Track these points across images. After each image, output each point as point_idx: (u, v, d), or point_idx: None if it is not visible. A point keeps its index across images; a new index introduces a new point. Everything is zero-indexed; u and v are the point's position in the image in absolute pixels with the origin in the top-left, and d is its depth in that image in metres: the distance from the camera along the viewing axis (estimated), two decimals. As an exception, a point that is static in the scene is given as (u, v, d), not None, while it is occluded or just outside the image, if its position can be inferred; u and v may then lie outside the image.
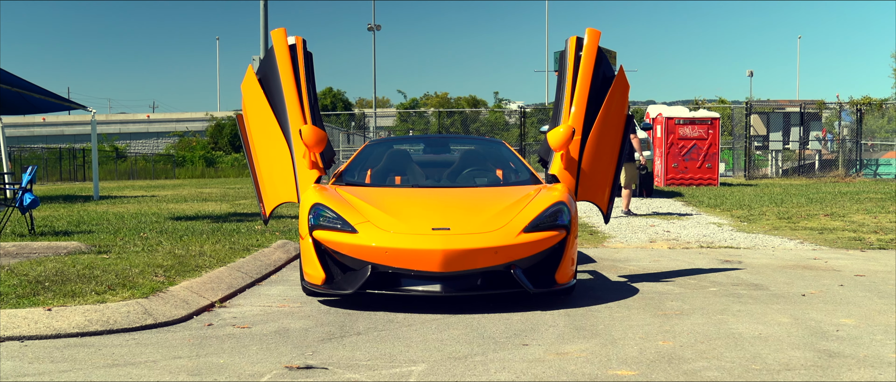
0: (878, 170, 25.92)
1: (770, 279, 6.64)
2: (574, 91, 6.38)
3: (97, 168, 19.52)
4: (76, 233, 9.78)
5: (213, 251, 7.20)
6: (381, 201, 5.69)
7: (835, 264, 7.58)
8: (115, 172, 47.82)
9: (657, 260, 7.88)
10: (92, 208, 15.31)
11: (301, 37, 6.49)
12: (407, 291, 5.10)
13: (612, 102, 6.43)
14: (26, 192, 9.96)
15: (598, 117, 6.35)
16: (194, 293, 5.36)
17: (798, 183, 23.47)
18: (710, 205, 14.86)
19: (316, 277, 5.35)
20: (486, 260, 5.09)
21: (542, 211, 5.42)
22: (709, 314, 5.14)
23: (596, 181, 6.42)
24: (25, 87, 17.97)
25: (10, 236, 9.51)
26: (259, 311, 5.19)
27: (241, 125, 6.51)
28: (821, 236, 9.93)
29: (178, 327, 4.67)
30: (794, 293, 5.93)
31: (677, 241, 9.56)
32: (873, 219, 11.89)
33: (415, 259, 5.03)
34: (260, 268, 6.75)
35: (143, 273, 5.74)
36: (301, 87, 6.33)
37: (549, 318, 4.96)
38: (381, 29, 50.51)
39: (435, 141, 7.21)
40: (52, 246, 8.50)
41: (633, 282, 6.46)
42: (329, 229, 5.34)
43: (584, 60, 6.39)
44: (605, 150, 6.44)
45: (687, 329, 4.67)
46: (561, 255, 5.41)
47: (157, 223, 11.03)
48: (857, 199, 15.85)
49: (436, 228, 5.18)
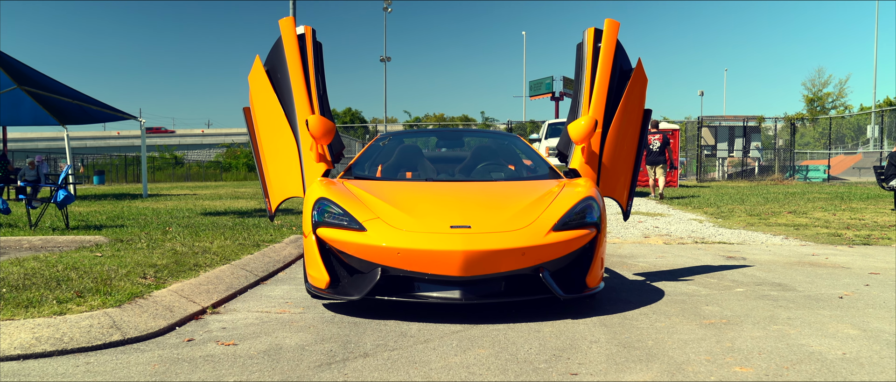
0: (807, 174, 24.46)
1: (788, 277, 5.09)
2: (593, 83, 4.83)
3: (146, 169, 17.89)
4: (109, 227, 8.17)
5: (221, 248, 5.58)
6: (393, 196, 4.09)
7: (836, 260, 6.03)
8: (173, 175, 46.39)
9: (662, 256, 6.32)
10: (137, 204, 13.67)
11: (310, 26, 4.93)
12: (422, 298, 3.53)
13: (632, 95, 4.88)
14: (60, 189, 8.44)
15: (617, 111, 4.80)
16: (184, 297, 3.78)
17: (743, 185, 21.91)
18: (681, 204, 13.29)
19: (320, 280, 3.78)
20: (512, 263, 3.53)
21: (570, 207, 3.85)
22: (760, 323, 3.59)
23: (616, 177, 4.86)
24: (85, 99, 16.47)
25: (46, 230, 7.95)
26: (254, 319, 3.61)
27: (248, 119, 4.93)
28: (798, 232, 8.38)
29: (150, 344, 3.08)
30: (830, 296, 4.38)
31: (670, 236, 8.00)
32: (833, 216, 10.36)
33: (431, 261, 3.47)
34: (267, 265, 5.17)
35: (130, 275, 4.10)
36: (309, 77, 4.76)
37: (584, 330, 3.40)
38: (391, 60, 49.06)
39: (448, 134, 5.59)
40: (76, 240, 6.93)
41: (651, 281, 4.90)
42: (334, 226, 3.77)
43: (603, 51, 4.84)
44: (624, 144, 4.88)
45: (751, 346, 3.11)
46: (592, 256, 3.84)
47: (186, 218, 9.43)
48: (807, 198, 14.31)
49: (454, 226, 3.60)
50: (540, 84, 47.18)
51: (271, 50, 4.94)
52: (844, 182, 23.43)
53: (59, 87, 15.73)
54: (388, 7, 43.83)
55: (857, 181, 23.42)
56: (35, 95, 16.42)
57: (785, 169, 25.53)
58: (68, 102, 16.51)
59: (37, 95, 16.39)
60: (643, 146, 5.03)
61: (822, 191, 17.34)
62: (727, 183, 24.07)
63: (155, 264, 4.45)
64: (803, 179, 24.22)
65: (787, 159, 25.72)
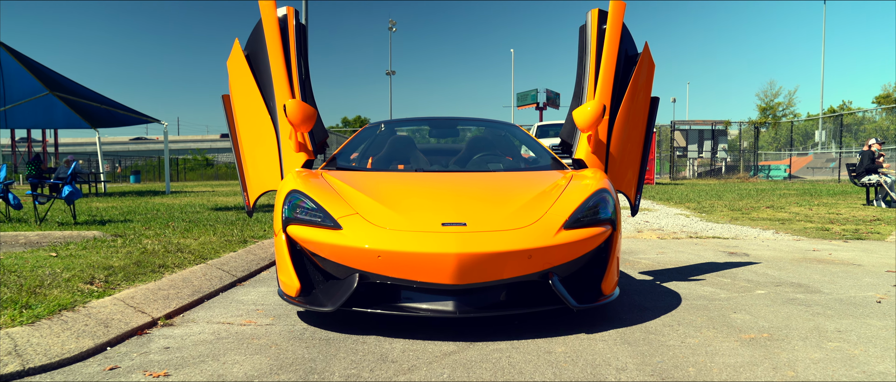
0: (769, 173, 23.45)
1: (804, 276, 4.11)
2: (599, 67, 3.83)
3: (168, 168, 16.90)
4: (116, 222, 7.17)
5: (203, 244, 4.55)
6: (376, 188, 3.07)
7: (841, 256, 5.05)
8: (203, 175, 45.40)
9: (662, 252, 5.33)
10: (156, 200, 12.64)
11: (293, 7, 3.93)
12: (407, 310, 2.53)
13: (639, 81, 3.87)
14: (66, 185, 7.44)
15: (625, 97, 3.80)
16: (132, 306, 2.79)
17: (713, 183, 20.91)
18: (662, 199, 12.30)
19: (290, 286, 2.77)
20: (517, 267, 2.52)
21: (582, 201, 2.85)
22: (809, 338, 2.60)
23: (625, 168, 3.85)
24: (112, 104, 15.49)
25: (53, 225, 6.96)
26: (209, 335, 2.62)
27: (227, 107, 3.91)
28: (784, 226, 7.40)
29: (57, 375, 2.09)
30: (863, 299, 3.40)
31: (662, 231, 7.00)
32: (810, 210, 9.38)
33: (418, 266, 2.47)
34: (249, 264, 4.17)
35: (74, 279, 3.06)
36: (291, 61, 3.76)
37: (605, 350, 2.41)
38: (396, 74, 48.04)
39: (441, 122, 4.56)
40: (72, 235, 5.94)
41: (661, 281, 3.92)
42: (306, 223, 2.76)
43: (608, 33, 3.83)
44: (632, 133, 3.88)
45: (820, 375, 2.14)
46: (607, 258, 2.85)
47: (194, 213, 8.41)
48: (778, 194, 13.34)
49: (447, 223, 2.60)
50: (526, 96, 46.17)
51: (251, 34, 3.94)
52: (803, 180, 22.46)
53: (88, 92, 14.83)
54: (393, 27, 43.21)
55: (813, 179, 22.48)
56: (66, 100, 15.49)
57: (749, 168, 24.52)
58: (97, 107, 15.56)
59: (68, 100, 15.45)
60: (651, 136, 4.04)
61: (789, 188, 16.38)
62: (698, 181, 23.06)
63: (112, 265, 3.42)
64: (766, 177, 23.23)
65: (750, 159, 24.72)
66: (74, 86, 14.55)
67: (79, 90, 14.65)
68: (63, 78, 14.26)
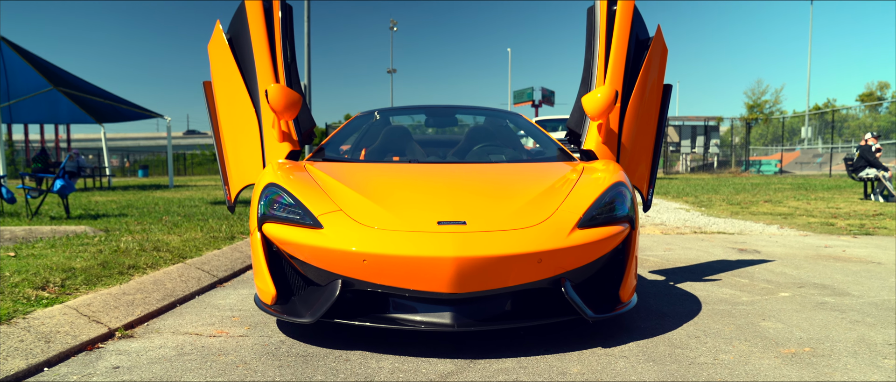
0: (760, 168, 23.01)
1: (825, 275, 3.67)
2: (609, 51, 3.37)
3: (171, 162, 16.49)
4: (112, 216, 6.73)
5: (184, 242, 4.08)
6: (364, 182, 2.60)
7: (855, 253, 4.62)
8: (210, 169, 44.95)
9: (669, 249, 4.89)
10: (157, 194, 12.17)
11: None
12: (398, 322, 2.08)
13: (651, 66, 3.41)
14: (58, 178, 7.00)
15: (636, 84, 3.33)
16: (86, 315, 2.34)
17: (706, 177, 20.45)
18: (660, 193, 11.85)
19: (266, 292, 2.32)
20: (524, 273, 2.07)
21: (597, 198, 2.39)
22: (860, 354, 2.17)
23: (637, 160, 3.39)
24: (116, 99, 15.04)
25: (45, 219, 6.53)
26: (171, 349, 2.17)
27: (208, 94, 3.45)
28: (787, 220, 6.97)
29: (-35, 410, 1.66)
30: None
31: (665, 225, 6.57)
32: (809, 205, 8.96)
33: (410, 272, 2.02)
34: (233, 262, 3.73)
35: (22, 284, 2.59)
36: (275, 43, 3.30)
37: (626, 368, 1.97)
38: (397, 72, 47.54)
39: (439, 110, 4.07)
40: (58, 230, 5.50)
41: (675, 282, 3.48)
42: (284, 221, 2.31)
43: (619, 14, 3.37)
44: (645, 123, 3.42)
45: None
46: (625, 260, 2.39)
47: (191, 207, 7.96)
48: (774, 189, 12.90)
49: (443, 222, 2.15)
50: (522, 93, 45.66)
51: (234, 16, 3.47)
52: (793, 175, 22.03)
53: (92, 88, 14.39)
54: (394, 27, 42.80)
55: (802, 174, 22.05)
56: (71, 96, 15.02)
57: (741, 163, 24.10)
58: (101, 102, 15.10)
59: (72, 96, 14.99)
60: (664, 126, 3.58)
61: (782, 182, 15.94)
62: (691, 175, 22.60)
63: (73, 267, 2.95)
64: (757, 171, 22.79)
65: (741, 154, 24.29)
66: (78, 81, 14.11)
67: (83, 86, 14.21)
68: (67, 74, 13.83)
